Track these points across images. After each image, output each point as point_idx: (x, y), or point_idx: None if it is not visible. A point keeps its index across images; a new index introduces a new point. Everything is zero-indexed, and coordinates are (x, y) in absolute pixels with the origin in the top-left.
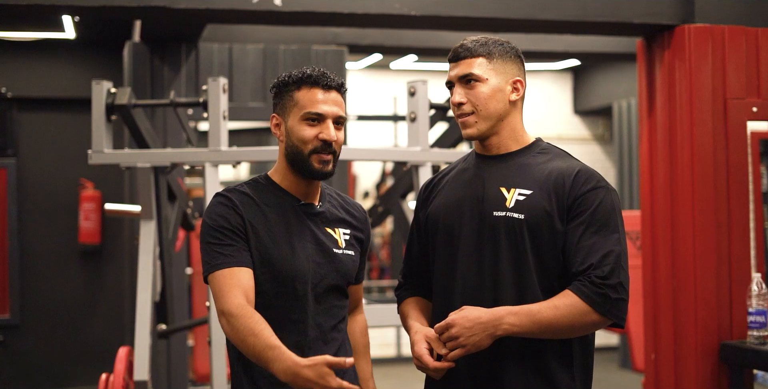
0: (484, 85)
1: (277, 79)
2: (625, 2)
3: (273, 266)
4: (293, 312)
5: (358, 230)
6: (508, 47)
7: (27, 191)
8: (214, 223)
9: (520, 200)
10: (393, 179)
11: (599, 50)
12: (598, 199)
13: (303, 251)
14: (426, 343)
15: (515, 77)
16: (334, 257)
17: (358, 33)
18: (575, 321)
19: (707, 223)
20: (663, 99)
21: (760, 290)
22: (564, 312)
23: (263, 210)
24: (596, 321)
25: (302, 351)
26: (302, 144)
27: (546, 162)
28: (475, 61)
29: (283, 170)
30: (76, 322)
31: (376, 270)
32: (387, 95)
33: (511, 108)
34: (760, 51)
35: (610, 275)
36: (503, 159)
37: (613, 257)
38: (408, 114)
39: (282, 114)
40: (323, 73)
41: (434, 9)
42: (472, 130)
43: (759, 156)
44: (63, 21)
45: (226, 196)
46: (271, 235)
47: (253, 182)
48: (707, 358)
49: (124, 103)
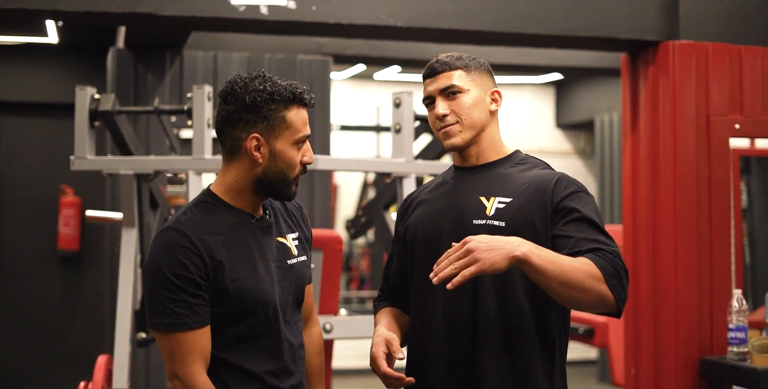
0: (466, 96)
1: (253, 91)
2: (610, 17)
3: (243, 296)
4: (268, 339)
5: (302, 229)
6: (480, 61)
7: (6, 196)
8: (171, 270)
9: (500, 208)
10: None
11: (582, 65)
12: (583, 200)
13: (267, 273)
14: (384, 346)
15: (492, 88)
16: (291, 270)
17: (343, 43)
18: (586, 282)
19: (689, 238)
20: (646, 114)
21: (740, 307)
22: (580, 268)
23: (222, 237)
24: (602, 294)
25: (279, 379)
26: (290, 170)
27: (525, 171)
28: (455, 74)
29: (241, 190)
30: (55, 329)
31: (356, 281)
32: (370, 106)
33: (490, 118)
34: (744, 68)
35: (619, 254)
36: (482, 170)
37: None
38: (393, 125)
39: (266, 135)
40: (306, 91)
41: (420, 21)
42: (457, 139)
43: (739, 173)
44: (46, 25)
45: (182, 232)
46: (238, 264)
47: (202, 203)
48: (687, 373)
49: (108, 109)
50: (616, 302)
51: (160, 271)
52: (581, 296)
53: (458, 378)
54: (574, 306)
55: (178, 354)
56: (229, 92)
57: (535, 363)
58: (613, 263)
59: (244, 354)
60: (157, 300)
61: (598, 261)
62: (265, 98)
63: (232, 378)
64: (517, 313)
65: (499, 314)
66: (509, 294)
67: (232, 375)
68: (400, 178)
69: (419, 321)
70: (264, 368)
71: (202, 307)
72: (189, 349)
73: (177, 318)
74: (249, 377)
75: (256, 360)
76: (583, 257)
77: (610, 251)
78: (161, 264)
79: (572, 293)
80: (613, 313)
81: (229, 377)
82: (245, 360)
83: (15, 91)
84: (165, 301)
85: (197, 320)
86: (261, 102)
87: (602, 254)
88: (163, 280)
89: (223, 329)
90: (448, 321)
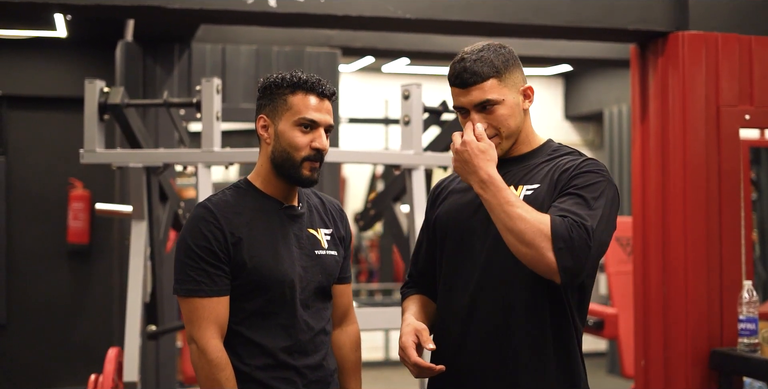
0: (502, 107)
1: (267, 79)
2: (619, 8)
3: (259, 272)
4: (282, 317)
5: (338, 228)
6: (507, 54)
7: (16, 190)
8: (194, 241)
9: (528, 194)
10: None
11: (591, 56)
12: (587, 178)
13: (289, 256)
14: (414, 336)
15: (525, 84)
16: (318, 259)
17: (351, 35)
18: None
19: (698, 230)
20: (656, 105)
21: (750, 298)
22: (529, 219)
23: (247, 218)
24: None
25: (292, 357)
26: (294, 150)
27: (554, 159)
28: (487, 85)
29: (266, 173)
30: (65, 322)
31: (365, 273)
32: (378, 98)
33: (525, 117)
34: (754, 59)
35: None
36: (514, 162)
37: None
38: (402, 117)
39: (272, 116)
40: (319, 81)
41: (428, 12)
42: (498, 151)
43: (749, 163)
44: (55, 19)
45: (209, 208)
46: (257, 243)
47: (235, 187)
48: (697, 365)
49: (117, 102)
50: (558, 267)
51: (186, 242)
52: (520, 247)
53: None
54: (519, 258)
55: (194, 319)
56: (258, 86)
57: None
58: (571, 228)
59: (258, 329)
60: (181, 268)
61: (554, 222)
62: (273, 83)
63: (246, 351)
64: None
65: (524, 308)
66: (537, 283)
67: (246, 348)
68: (409, 170)
69: (445, 311)
70: (277, 344)
71: (221, 278)
72: (205, 315)
73: (196, 284)
74: (262, 351)
75: (270, 336)
76: (545, 214)
77: (577, 222)
78: (187, 235)
79: (512, 241)
80: (554, 279)
81: (243, 350)
82: (259, 335)
83: (24, 85)
84: (187, 269)
85: (215, 289)
86: (271, 87)
87: (567, 220)
88: (187, 250)
89: (240, 303)
90: (473, 315)
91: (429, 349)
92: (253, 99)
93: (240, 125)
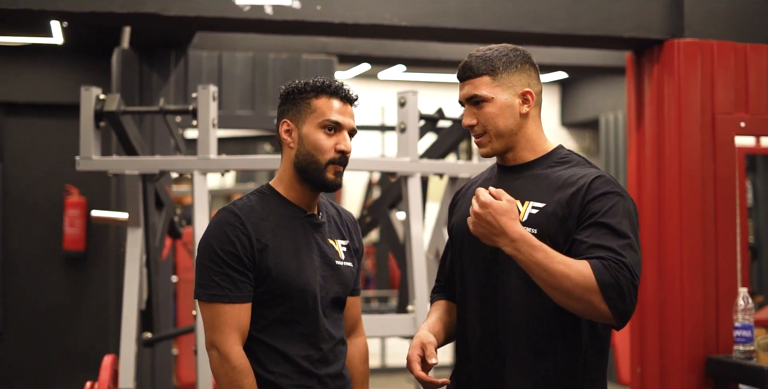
0: (490, 105)
1: (290, 85)
2: (615, 16)
3: (283, 280)
4: (304, 325)
5: (353, 240)
6: (514, 57)
7: (12, 197)
8: (220, 246)
9: (533, 213)
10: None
11: (587, 63)
12: (610, 203)
13: (311, 264)
14: (420, 350)
15: (524, 89)
16: (336, 270)
17: (347, 43)
18: (575, 291)
19: (694, 237)
20: (651, 113)
21: (746, 305)
22: (571, 275)
23: (271, 224)
24: (594, 304)
25: (314, 366)
26: (319, 153)
27: (562, 171)
28: (479, 81)
29: (289, 179)
30: (60, 329)
31: (362, 280)
32: (375, 105)
33: (523, 121)
34: (749, 66)
35: (629, 265)
36: (519, 170)
37: (630, 251)
38: (397, 124)
39: (295, 120)
40: (342, 85)
41: (424, 20)
42: (486, 149)
43: (744, 171)
44: (51, 26)
45: (235, 213)
46: (281, 250)
47: (259, 193)
48: (693, 372)
49: (113, 109)
50: (613, 314)
51: (210, 246)
52: (570, 303)
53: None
54: (569, 310)
55: (217, 324)
56: (280, 93)
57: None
58: (616, 273)
59: (281, 338)
60: (204, 272)
61: (597, 270)
62: (296, 88)
63: (268, 359)
64: (544, 318)
65: (526, 317)
66: (538, 302)
67: (269, 356)
68: (404, 177)
69: (461, 319)
70: (299, 353)
71: (245, 284)
72: (228, 321)
73: (220, 290)
74: (284, 359)
75: (292, 344)
76: (584, 262)
77: (617, 261)
78: (212, 239)
79: (560, 297)
80: (612, 325)
81: (265, 357)
82: (282, 343)
83: (20, 92)
84: (211, 274)
85: (238, 295)
86: (294, 92)
87: (607, 263)
88: (212, 254)
89: (262, 310)
90: (480, 322)
91: (431, 364)
92: (249, 106)
93: (235, 132)
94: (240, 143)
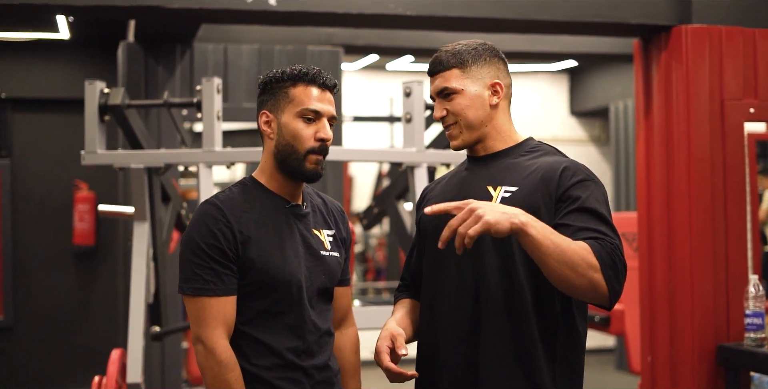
0: (460, 96)
1: (267, 75)
2: (621, 3)
3: (267, 272)
4: (290, 317)
5: (340, 229)
6: (482, 50)
7: (21, 192)
8: (203, 239)
9: (506, 197)
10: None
11: (595, 51)
12: (589, 189)
13: (295, 255)
14: (389, 341)
15: (493, 80)
16: (322, 260)
17: (353, 33)
18: (581, 265)
19: (704, 224)
20: (660, 100)
21: (757, 292)
22: (577, 250)
23: (254, 216)
24: (595, 281)
25: (300, 358)
26: (298, 142)
27: (533, 159)
28: (449, 74)
29: (270, 170)
30: (70, 324)
31: (372, 272)
32: (383, 96)
33: (493, 112)
34: (758, 52)
35: (620, 248)
36: (491, 159)
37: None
38: (403, 115)
39: (274, 111)
40: (320, 72)
41: (430, 9)
42: (458, 141)
43: (755, 157)
44: (57, 21)
45: (217, 205)
46: (266, 241)
47: (241, 185)
48: (704, 360)
49: (118, 103)
50: (609, 293)
51: (193, 239)
52: (574, 278)
53: (461, 372)
54: (566, 288)
55: (202, 318)
56: (258, 84)
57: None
58: (612, 254)
59: (266, 330)
60: (187, 266)
61: (596, 249)
62: (273, 78)
63: (253, 351)
64: (521, 307)
65: (502, 308)
66: (515, 283)
67: (254, 348)
68: (411, 167)
69: (427, 313)
70: (285, 344)
71: (228, 277)
72: (213, 314)
73: (204, 283)
74: (269, 351)
75: (277, 337)
76: (581, 242)
77: (611, 243)
78: (195, 233)
79: (566, 272)
80: (603, 305)
81: (250, 350)
82: (267, 335)
83: (28, 88)
84: (194, 267)
85: (222, 288)
86: (271, 82)
87: (603, 243)
88: (195, 248)
89: (247, 302)
90: (452, 314)
91: (401, 355)
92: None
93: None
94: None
